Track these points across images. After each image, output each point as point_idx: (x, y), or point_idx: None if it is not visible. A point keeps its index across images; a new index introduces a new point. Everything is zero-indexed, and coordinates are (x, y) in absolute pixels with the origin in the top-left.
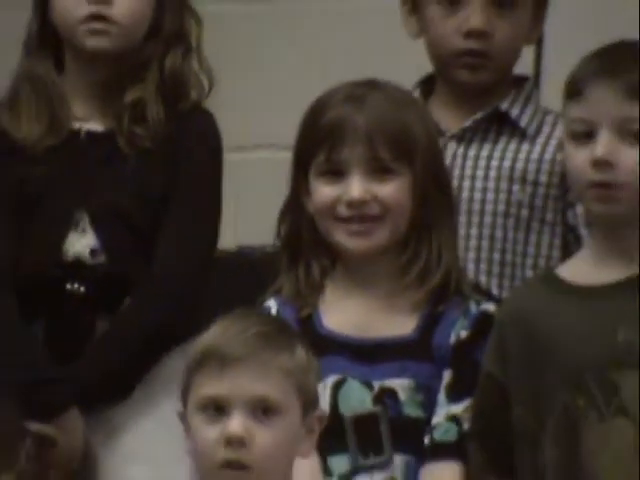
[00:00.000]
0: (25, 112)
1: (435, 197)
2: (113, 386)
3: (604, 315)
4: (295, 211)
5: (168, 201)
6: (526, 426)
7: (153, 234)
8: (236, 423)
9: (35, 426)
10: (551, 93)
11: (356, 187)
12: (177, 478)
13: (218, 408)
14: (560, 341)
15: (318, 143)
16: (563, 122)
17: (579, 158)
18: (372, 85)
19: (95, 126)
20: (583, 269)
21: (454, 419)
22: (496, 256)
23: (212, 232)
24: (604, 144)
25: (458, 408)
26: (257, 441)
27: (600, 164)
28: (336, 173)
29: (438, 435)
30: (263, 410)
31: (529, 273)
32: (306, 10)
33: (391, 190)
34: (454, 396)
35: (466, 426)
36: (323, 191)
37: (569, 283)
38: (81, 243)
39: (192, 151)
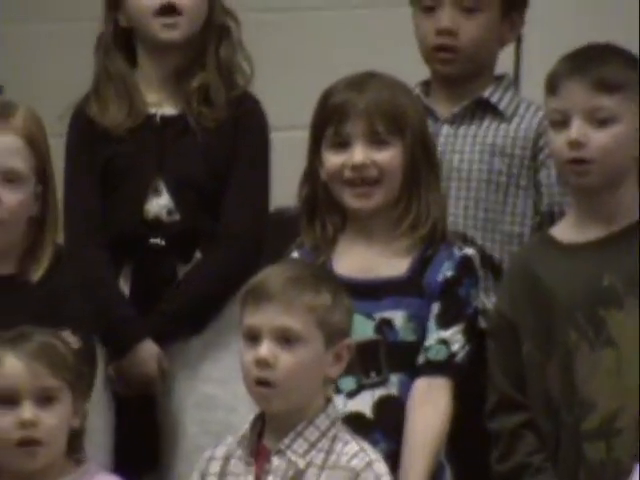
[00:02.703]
0: (108, 102)
1: (423, 164)
2: (190, 322)
3: (591, 265)
4: (311, 178)
5: (229, 169)
6: (535, 359)
7: (217, 195)
8: (264, 348)
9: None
10: (529, 89)
11: (358, 153)
12: (240, 394)
13: (253, 336)
14: (556, 288)
15: (328, 120)
16: (545, 113)
17: (558, 141)
18: (371, 74)
19: (168, 110)
20: (570, 229)
21: (444, 342)
22: (480, 214)
23: (265, 194)
24: (576, 128)
25: (446, 333)
26: (281, 364)
27: (574, 144)
28: (343, 144)
29: (431, 355)
30: (287, 339)
31: (507, 227)
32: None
33: (386, 156)
34: (443, 324)
35: (454, 348)
36: (333, 159)
37: (560, 241)
38: (159, 204)
39: (247, 130)
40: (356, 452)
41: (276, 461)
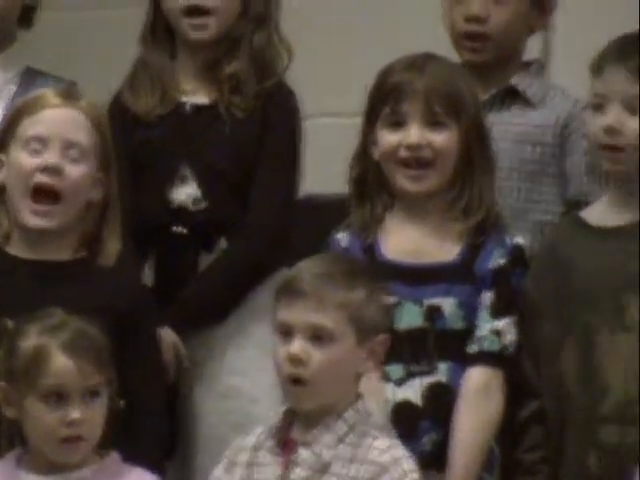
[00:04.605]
0: (140, 89)
1: (477, 148)
2: (213, 310)
3: (618, 250)
4: (363, 158)
5: (256, 160)
6: (552, 339)
7: (244, 185)
8: (296, 345)
9: None
10: (558, 76)
11: (414, 133)
12: (263, 384)
13: (286, 332)
14: (581, 269)
15: (385, 99)
16: (588, 94)
17: (595, 125)
18: (429, 56)
19: (200, 99)
20: (602, 213)
21: (497, 333)
22: (510, 203)
23: (291, 187)
24: (613, 115)
25: (500, 324)
26: (313, 361)
27: (609, 131)
28: (399, 124)
29: (485, 345)
30: (318, 336)
31: (537, 216)
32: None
33: (442, 138)
34: (496, 314)
35: (506, 339)
36: (388, 138)
37: (590, 224)
38: (185, 193)
39: (276, 121)
40: (385, 448)
41: (303, 453)
